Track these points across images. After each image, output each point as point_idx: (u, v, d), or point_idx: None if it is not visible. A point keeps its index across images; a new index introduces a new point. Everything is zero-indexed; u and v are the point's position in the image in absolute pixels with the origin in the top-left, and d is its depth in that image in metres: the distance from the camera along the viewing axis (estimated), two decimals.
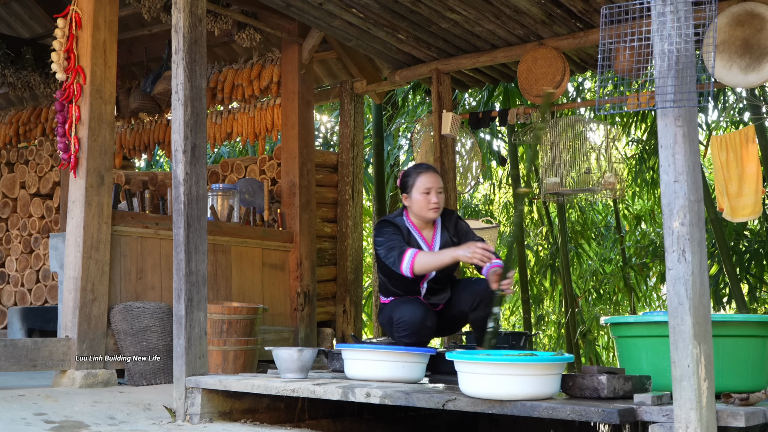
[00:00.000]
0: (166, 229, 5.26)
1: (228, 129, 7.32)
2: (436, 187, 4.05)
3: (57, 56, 5.08)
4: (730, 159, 5.19)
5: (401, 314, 3.96)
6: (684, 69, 2.55)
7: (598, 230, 11.54)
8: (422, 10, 5.42)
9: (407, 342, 3.95)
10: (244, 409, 3.84)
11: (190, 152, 4.10)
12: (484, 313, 3.87)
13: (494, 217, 11.89)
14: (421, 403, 3.05)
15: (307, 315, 6.43)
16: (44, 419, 3.64)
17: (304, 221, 6.52)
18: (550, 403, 2.76)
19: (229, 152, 11.93)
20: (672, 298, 2.52)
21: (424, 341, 4.02)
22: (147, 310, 5.04)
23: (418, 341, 3.96)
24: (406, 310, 3.96)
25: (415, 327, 3.93)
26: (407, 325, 3.93)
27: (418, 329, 3.93)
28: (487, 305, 3.86)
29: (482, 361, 2.87)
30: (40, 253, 6.98)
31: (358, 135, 7.57)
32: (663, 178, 2.58)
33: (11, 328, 6.36)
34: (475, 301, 3.95)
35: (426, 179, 4.06)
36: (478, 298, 3.93)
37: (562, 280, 9.52)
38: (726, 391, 2.95)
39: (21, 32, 8.16)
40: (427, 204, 4.05)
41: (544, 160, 6.06)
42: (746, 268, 8.60)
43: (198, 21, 4.19)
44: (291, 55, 6.67)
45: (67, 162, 4.98)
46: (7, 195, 7.37)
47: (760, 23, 4.79)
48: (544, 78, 5.72)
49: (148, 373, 4.98)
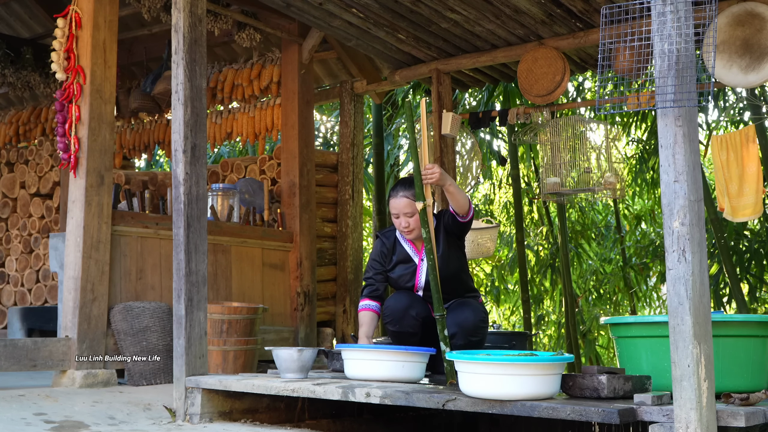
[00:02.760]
0: (166, 229, 5.26)
1: (228, 129, 7.33)
2: (403, 212, 4.04)
3: (57, 56, 5.08)
4: (731, 159, 5.19)
5: (388, 302, 4.08)
6: (684, 69, 2.55)
7: (598, 230, 11.54)
8: (422, 10, 5.42)
9: (392, 330, 4.02)
10: (244, 409, 3.84)
11: (190, 152, 4.10)
12: (461, 342, 3.92)
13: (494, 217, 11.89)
14: (421, 403, 3.05)
15: (307, 315, 6.43)
16: (44, 419, 3.64)
17: (304, 221, 6.52)
18: (550, 403, 2.76)
19: (229, 152, 11.93)
20: (672, 298, 2.52)
21: (408, 331, 4.03)
22: (147, 310, 5.04)
23: (401, 330, 4.01)
24: (392, 299, 4.08)
25: (398, 315, 4.00)
26: (390, 312, 4.03)
27: (401, 317, 3.99)
28: (462, 336, 3.92)
29: (482, 361, 2.87)
30: (40, 253, 6.97)
31: (358, 135, 7.57)
32: (663, 178, 2.58)
33: (11, 328, 6.36)
34: (451, 331, 3.94)
35: (392, 204, 4.08)
36: (453, 329, 3.94)
37: (562, 280, 9.53)
38: (726, 391, 2.95)
39: (21, 32, 8.16)
40: (399, 227, 4.10)
41: (544, 160, 6.06)
42: (746, 268, 8.60)
43: (198, 21, 4.19)
44: (291, 55, 6.67)
45: (67, 162, 4.98)
46: (7, 195, 7.37)
47: (760, 23, 4.79)
48: (545, 78, 5.72)
49: (148, 373, 4.98)
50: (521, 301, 9.42)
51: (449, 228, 4.07)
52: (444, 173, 3.76)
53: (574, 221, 11.15)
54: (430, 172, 3.71)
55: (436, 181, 3.71)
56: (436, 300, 3.67)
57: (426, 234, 3.69)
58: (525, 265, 9.18)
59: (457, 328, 3.92)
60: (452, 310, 4.01)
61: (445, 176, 3.77)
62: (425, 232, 3.69)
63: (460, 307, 4.04)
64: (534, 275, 11.11)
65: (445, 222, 4.07)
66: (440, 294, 3.69)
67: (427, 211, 3.71)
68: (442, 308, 3.68)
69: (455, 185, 3.89)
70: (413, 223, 4.04)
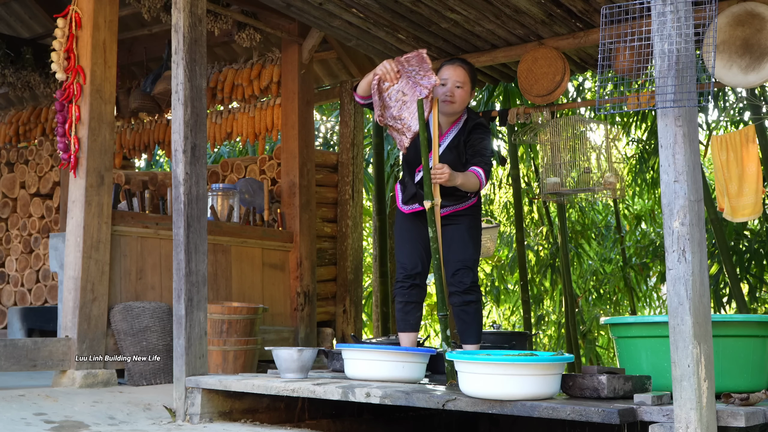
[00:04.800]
0: (166, 229, 5.26)
1: (228, 129, 7.33)
2: (454, 80, 3.98)
3: (57, 56, 5.08)
4: (731, 159, 5.19)
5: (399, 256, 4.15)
6: (684, 69, 2.55)
7: (598, 230, 11.55)
8: (422, 10, 5.41)
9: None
10: (244, 409, 3.84)
11: (190, 152, 4.10)
12: (458, 300, 3.94)
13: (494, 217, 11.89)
14: (421, 403, 3.05)
15: (307, 315, 6.43)
16: (44, 419, 3.64)
17: (304, 221, 6.52)
18: (550, 403, 2.76)
19: (229, 152, 11.93)
20: (672, 298, 2.52)
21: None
22: (147, 310, 5.04)
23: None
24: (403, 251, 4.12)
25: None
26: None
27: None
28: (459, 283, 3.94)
29: (482, 361, 2.87)
30: (40, 253, 6.97)
31: (358, 135, 7.57)
32: (663, 178, 2.58)
33: (11, 328, 6.36)
34: (450, 272, 3.96)
35: (445, 71, 4.00)
36: (453, 267, 3.96)
37: (562, 280, 9.53)
38: (726, 391, 2.95)
39: (21, 32, 8.16)
40: (443, 94, 3.97)
41: (544, 160, 6.05)
42: (746, 268, 8.61)
43: (198, 21, 4.19)
44: (291, 55, 6.67)
45: (67, 162, 4.98)
46: (7, 195, 7.37)
47: (760, 23, 4.79)
48: (545, 78, 5.71)
49: (148, 373, 4.98)
50: (521, 301, 9.42)
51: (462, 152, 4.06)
52: (453, 172, 3.76)
53: (574, 221, 11.15)
54: (440, 173, 3.70)
55: (445, 180, 3.71)
56: (440, 300, 3.66)
57: (433, 233, 3.67)
58: (525, 265, 9.18)
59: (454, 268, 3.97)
60: (449, 244, 4.01)
61: (454, 175, 3.76)
62: (432, 231, 3.67)
63: (454, 244, 4.04)
64: (534, 275, 11.11)
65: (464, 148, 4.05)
66: (444, 294, 3.68)
67: (435, 210, 3.71)
68: (446, 308, 3.67)
69: (464, 178, 3.86)
70: (458, 95, 3.97)
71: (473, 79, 4.08)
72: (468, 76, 4.03)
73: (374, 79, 3.87)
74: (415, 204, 4.07)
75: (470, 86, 4.04)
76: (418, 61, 3.84)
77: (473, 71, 4.11)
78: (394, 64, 3.86)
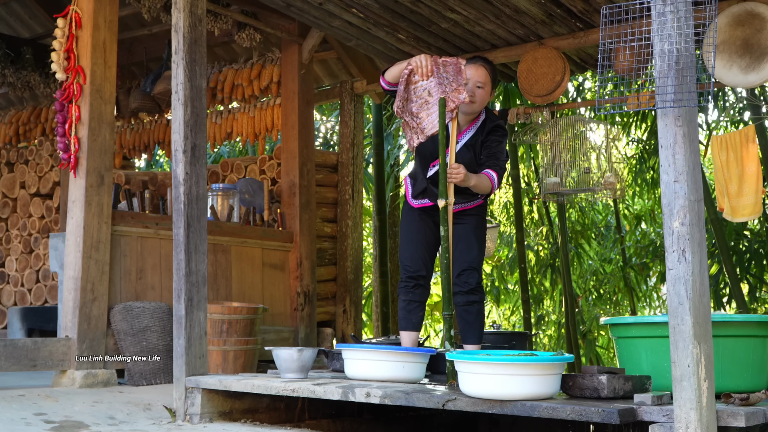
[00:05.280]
0: (166, 229, 5.26)
1: (228, 129, 7.33)
2: (475, 80, 3.97)
3: (57, 56, 5.08)
4: (730, 159, 5.19)
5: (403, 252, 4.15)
6: (684, 69, 2.55)
7: (598, 230, 11.54)
8: (422, 10, 5.41)
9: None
10: (244, 409, 3.84)
11: (190, 152, 4.10)
12: (462, 300, 3.95)
13: (494, 217, 11.89)
14: (421, 403, 3.05)
15: (307, 315, 6.43)
16: (44, 419, 3.64)
17: (304, 221, 6.52)
18: (550, 403, 2.76)
19: (229, 152, 11.93)
20: (672, 298, 2.52)
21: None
22: (147, 310, 5.04)
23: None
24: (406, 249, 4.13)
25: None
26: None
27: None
28: (465, 284, 3.95)
29: (482, 361, 2.87)
30: (40, 253, 6.97)
31: (358, 135, 7.57)
32: (663, 178, 2.58)
33: (11, 328, 6.36)
34: (455, 272, 3.95)
35: (468, 70, 3.96)
36: (459, 267, 3.97)
37: (562, 280, 9.52)
38: (726, 391, 2.95)
39: (21, 32, 8.16)
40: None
41: (544, 160, 6.05)
42: (746, 268, 8.60)
43: (198, 21, 4.19)
44: (291, 55, 6.67)
45: (67, 162, 4.98)
46: (7, 195, 7.37)
47: (760, 23, 4.79)
48: (545, 78, 5.71)
49: (148, 373, 4.98)
50: (521, 301, 9.41)
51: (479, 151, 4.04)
52: (468, 173, 3.75)
53: (574, 221, 11.15)
54: (455, 173, 3.70)
55: (460, 181, 3.71)
56: (445, 299, 3.66)
57: (444, 232, 3.66)
58: (525, 265, 9.17)
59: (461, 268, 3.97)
60: (457, 243, 4.01)
61: (469, 176, 3.76)
62: (444, 230, 3.67)
63: (461, 244, 4.04)
64: (534, 275, 11.10)
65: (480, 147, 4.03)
66: (451, 294, 3.68)
67: (447, 210, 3.70)
68: (451, 308, 3.67)
69: (477, 179, 3.85)
70: (478, 95, 3.97)
71: (494, 78, 4.08)
72: (489, 76, 4.03)
73: (406, 68, 3.81)
74: (425, 199, 4.07)
75: (491, 86, 4.05)
76: (455, 71, 3.80)
77: (494, 71, 4.11)
78: (430, 62, 3.78)
